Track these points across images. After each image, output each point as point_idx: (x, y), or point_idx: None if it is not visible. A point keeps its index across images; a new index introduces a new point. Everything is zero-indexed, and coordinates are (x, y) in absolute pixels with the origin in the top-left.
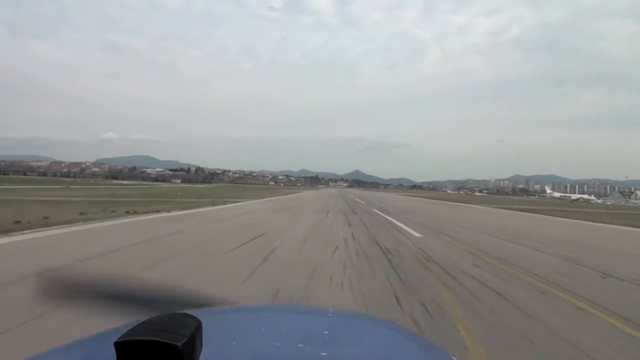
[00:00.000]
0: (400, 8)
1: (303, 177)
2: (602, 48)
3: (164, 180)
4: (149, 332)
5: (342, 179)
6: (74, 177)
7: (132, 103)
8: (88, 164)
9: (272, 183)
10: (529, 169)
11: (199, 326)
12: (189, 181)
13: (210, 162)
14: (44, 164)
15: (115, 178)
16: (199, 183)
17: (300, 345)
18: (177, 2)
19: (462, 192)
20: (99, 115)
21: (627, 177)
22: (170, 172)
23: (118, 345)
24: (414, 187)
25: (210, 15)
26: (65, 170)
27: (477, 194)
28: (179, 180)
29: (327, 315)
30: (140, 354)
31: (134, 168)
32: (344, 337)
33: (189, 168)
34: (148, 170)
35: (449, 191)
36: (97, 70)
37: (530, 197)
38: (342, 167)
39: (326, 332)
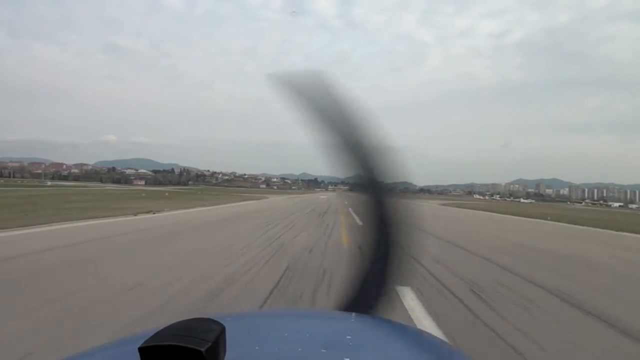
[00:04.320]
0: (402, 10)
1: (302, 180)
2: (607, 52)
3: (126, 182)
4: (172, 337)
5: (343, 183)
6: (26, 177)
7: (132, 106)
8: (69, 164)
9: (264, 186)
10: (532, 173)
11: (222, 331)
12: (160, 183)
13: (210, 164)
14: (23, 164)
15: (66, 179)
16: (172, 185)
17: (323, 350)
18: (179, 4)
19: (503, 199)
20: (100, 118)
21: None
22: (152, 174)
23: (142, 350)
24: (421, 192)
25: (212, 17)
26: (38, 171)
27: (522, 200)
28: (143, 182)
29: (350, 320)
30: (164, 359)
31: (114, 169)
32: (367, 342)
33: (172, 169)
34: (127, 172)
35: (476, 196)
36: (98, 73)
37: (576, 204)
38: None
39: (349, 337)
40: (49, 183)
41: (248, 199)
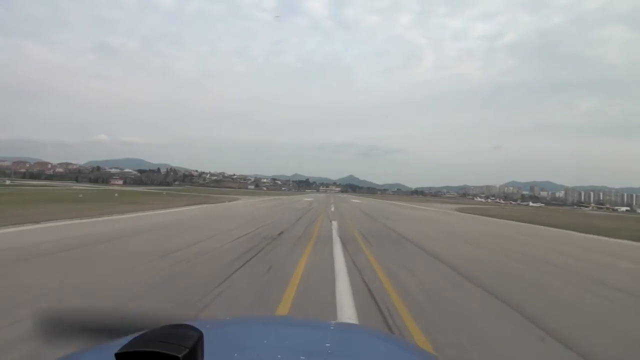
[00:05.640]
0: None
1: (293, 181)
2: (600, 54)
3: (103, 182)
4: (150, 343)
5: (335, 184)
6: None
7: (124, 105)
8: (54, 164)
9: (252, 187)
10: (525, 175)
11: (200, 337)
12: (142, 183)
13: (202, 165)
14: (7, 163)
15: (38, 178)
16: (154, 185)
17: (302, 357)
18: (170, 3)
19: (508, 202)
20: (91, 118)
21: None
22: (137, 174)
23: (119, 356)
24: (415, 193)
25: (203, 17)
26: (22, 170)
27: (532, 204)
28: (121, 182)
29: (329, 328)
30: None
31: (98, 168)
32: (346, 350)
33: (158, 169)
34: (112, 171)
35: (477, 199)
36: (88, 72)
37: (583, 208)
38: (335, 172)
39: (328, 344)
40: (7, 182)
41: (210, 202)
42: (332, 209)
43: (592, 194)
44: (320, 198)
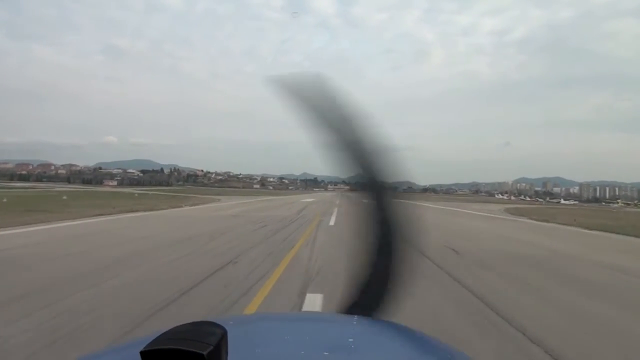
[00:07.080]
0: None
1: (301, 180)
2: (610, 49)
3: (97, 183)
4: (174, 341)
5: (344, 182)
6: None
7: (133, 107)
8: (58, 165)
9: (258, 186)
10: (535, 171)
11: (224, 335)
12: (139, 184)
13: (211, 165)
14: (10, 165)
15: (26, 180)
16: (152, 186)
17: (325, 353)
18: (179, 4)
19: (534, 200)
20: (100, 120)
21: None
22: (140, 174)
23: (144, 354)
24: (426, 191)
25: (212, 17)
26: (23, 172)
27: (564, 202)
28: (115, 183)
29: (352, 323)
30: None
31: (100, 169)
32: (370, 345)
33: (162, 169)
34: (115, 172)
35: (499, 196)
36: (97, 74)
37: (612, 205)
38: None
39: (351, 339)
40: None
41: (160, 208)
42: (332, 221)
43: (607, 189)
44: (324, 198)
